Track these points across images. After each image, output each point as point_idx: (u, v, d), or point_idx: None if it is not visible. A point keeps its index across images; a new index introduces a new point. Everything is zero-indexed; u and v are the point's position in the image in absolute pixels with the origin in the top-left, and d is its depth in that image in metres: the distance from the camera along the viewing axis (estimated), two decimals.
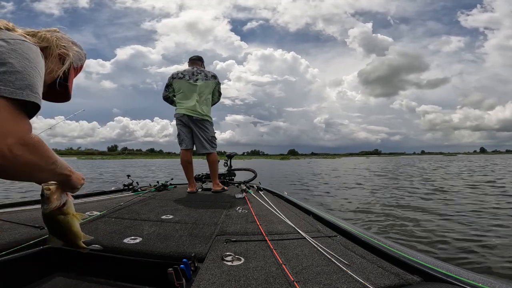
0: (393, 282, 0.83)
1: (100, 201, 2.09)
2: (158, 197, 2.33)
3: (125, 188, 2.68)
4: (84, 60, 0.88)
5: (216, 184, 2.78)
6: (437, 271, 0.84)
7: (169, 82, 2.80)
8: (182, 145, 2.77)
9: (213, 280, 0.84)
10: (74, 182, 0.72)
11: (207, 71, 2.84)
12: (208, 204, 2.08)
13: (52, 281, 1.08)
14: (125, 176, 2.92)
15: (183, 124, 2.74)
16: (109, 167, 23.06)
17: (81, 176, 0.76)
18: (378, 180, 10.35)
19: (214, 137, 2.81)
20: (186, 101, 2.71)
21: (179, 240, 1.22)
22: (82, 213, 0.81)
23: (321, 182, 9.97)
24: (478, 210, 4.26)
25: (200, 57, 2.94)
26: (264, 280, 0.84)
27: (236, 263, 0.97)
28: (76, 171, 0.74)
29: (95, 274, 1.14)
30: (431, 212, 4.25)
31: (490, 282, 0.76)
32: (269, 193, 2.55)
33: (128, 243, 1.16)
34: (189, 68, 2.83)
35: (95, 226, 1.40)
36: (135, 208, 1.85)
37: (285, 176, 13.59)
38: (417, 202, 5.24)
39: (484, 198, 5.42)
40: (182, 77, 2.74)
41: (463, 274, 0.80)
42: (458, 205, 4.76)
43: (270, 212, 1.74)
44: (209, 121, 2.78)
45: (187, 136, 2.76)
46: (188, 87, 2.72)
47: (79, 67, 0.86)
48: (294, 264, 0.95)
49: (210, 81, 2.79)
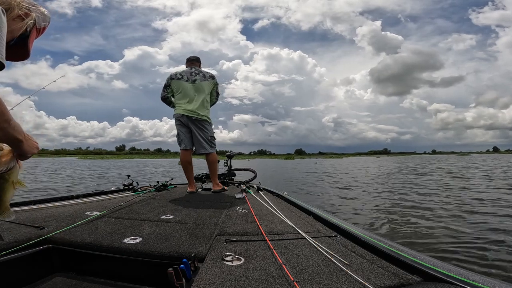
0: (393, 282, 0.83)
1: (100, 201, 2.09)
2: (158, 197, 2.33)
3: (125, 188, 2.68)
4: (48, 23, 0.87)
5: (216, 184, 2.79)
6: (437, 271, 0.84)
7: (168, 82, 2.80)
8: (182, 145, 2.77)
9: (213, 280, 0.84)
10: (26, 148, 0.70)
11: (205, 71, 2.85)
12: (208, 204, 2.08)
13: (52, 281, 1.08)
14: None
15: (182, 124, 2.75)
16: (92, 168, 19.97)
17: (36, 145, 0.74)
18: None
19: (213, 137, 2.82)
20: (185, 102, 2.72)
21: (179, 240, 1.22)
22: (25, 184, 0.77)
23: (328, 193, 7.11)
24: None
25: (198, 58, 2.95)
26: (264, 280, 0.84)
27: (236, 263, 0.97)
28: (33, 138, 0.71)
29: (95, 274, 1.14)
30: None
31: (490, 282, 0.76)
32: (269, 193, 2.55)
33: (128, 243, 1.16)
34: (187, 69, 2.84)
35: (95, 226, 1.39)
36: (135, 208, 1.85)
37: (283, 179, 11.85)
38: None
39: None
40: (181, 77, 2.75)
41: (463, 274, 0.80)
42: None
43: (270, 212, 1.73)
44: (208, 121, 2.79)
45: (186, 136, 2.76)
46: (187, 87, 2.73)
47: (42, 28, 0.86)
48: (294, 264, 0.95)
49: (208, 82, 2.80)
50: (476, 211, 4.35)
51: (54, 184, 8.68)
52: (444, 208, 4.68)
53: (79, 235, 1.24)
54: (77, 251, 1.16)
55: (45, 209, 1.74)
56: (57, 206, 1.86)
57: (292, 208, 1.96)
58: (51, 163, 27.54)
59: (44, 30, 0.88)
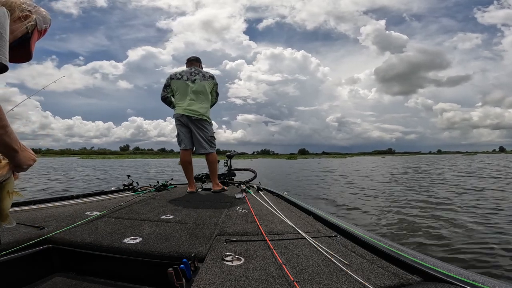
0: (393, 282, 0.83)
1: (100, 201, 2.09)
2: (158, 197, 2.33)
3: (125, 188, 2.68)
4: (49, 24, 0.88)
5: (216, 184, 2.79)
6: (437, 271, 0.84)
7: (167, 82, 2.81)
8: (181, 145, 2.78)
9: (213, 280, 0.84)
10: (21, 160, 0.69)
11: (204, 71, 2.86)
12: (208, 204, 2.08)
13: (52, 281, 1.08)
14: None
15: (182, 124, 2.76)
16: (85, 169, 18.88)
17: (32, 156, 0.73)
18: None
19: (213, 137, 2.82)
20: (185, 102, 2.73)
21: (179, 240, 1.21)
22: (21, 194, 0.77)
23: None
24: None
25: (198, 58, 2.96)
26: (264, 280, 0.84)
27: (236, 263, 0.97)
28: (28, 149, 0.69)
29: (95, 274, 1.14)
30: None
31: (490, 282, 0.75)
32: (269, 193, 2.55)
33: (128, 243, 1.15)
34: (187, 69, 2.85)
35: (95, 226, 1.39)
36: (135, 208, 1.85)
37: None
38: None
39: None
40: (180, 77, 2.76)
41: (463, 274, 0.80)
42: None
43: (270, 212, 1.73)
44: (208, 121, 2.80)
45: (186, 136, 2.77)
46: (186, 87, 2.74)
47: (43, 30, 0.86)
48: (294, 264, 0.95)
49: (208, 82, 2.81)
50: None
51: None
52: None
53: (79, 235, 1.24)
54: (77, 251, 1.16)
55: (45, 209, 1.74)
56: (57, 206, 1.86)
57: (292, 208, 1.96)
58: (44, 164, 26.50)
59: (45, 32, 0.88)
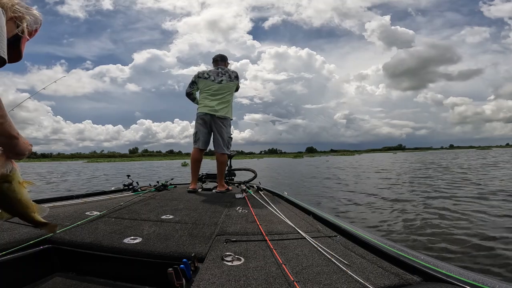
0: (393, 282, 0.83)
1: (100, 201, 2.09)
2: (158, 197, 2.33)
3: (125, 188, 2.68)
4: (39, 25, 0.89)
5: (221, 185, 2.81)
6: (437, 271, 0.84)
7: (194, 79, 2.88)
8: (197, 144, 2.82)
9: (213, 280, 0.84)
10: (21, 147, 0.69)
11: (231, 71, 2.91)
12: (208, 204, 2.08)
13: (52, 281, 1.08)
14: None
15: (203, 123, 2.79)
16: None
17: (28, 142, 0.72)
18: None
19: (230, 137, 2.88)
20: (209, 101, 2.78)
21: (179, 240, 1.22)
22: (32, 182, 0.75)
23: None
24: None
25: (223, 56, 2.99)
26: (264, 280, 0.84)
27: (236, 263, 0.97)
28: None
29: (95, 274, 1.14)
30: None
31: (490, 282, 0.75)
32: (269, 193, 2.55)
33: (128, 243, 1.16)
34: (214, 69, 2.90)
35: (95, 226, 1.39)
36: (135, 208, 1.85)
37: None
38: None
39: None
40: (208, 77, 2.83)
41: (463, 274, 0.80)
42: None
43: (270, 212, 1.73)
44: (230, 118, 2.87)
45: (203, 137, 2.81)
46: (212, 87, 2.80)
47: (34, 30, 0.87)
48: (294, 264, 0.95)
49: (233, 82, 2.88)
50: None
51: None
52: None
53: (79, 235, 1.24)
54: (77, 251, 1.16)
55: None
56: (57, 206, 1.86)
57: (292, 208, 1.96)
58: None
59: (35, 33, 0.89)
